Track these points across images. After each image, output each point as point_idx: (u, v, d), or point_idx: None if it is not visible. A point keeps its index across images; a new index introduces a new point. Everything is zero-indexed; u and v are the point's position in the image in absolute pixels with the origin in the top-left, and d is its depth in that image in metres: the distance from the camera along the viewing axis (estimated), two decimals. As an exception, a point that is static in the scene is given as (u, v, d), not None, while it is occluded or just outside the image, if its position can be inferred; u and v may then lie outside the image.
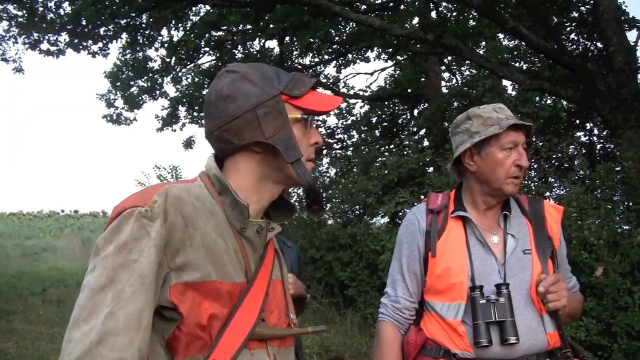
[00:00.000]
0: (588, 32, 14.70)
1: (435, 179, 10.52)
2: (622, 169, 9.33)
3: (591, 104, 11.13)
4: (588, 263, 7.55)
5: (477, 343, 2.52)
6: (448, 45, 11.75)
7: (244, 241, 1.82)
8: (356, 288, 11.20)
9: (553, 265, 2.74)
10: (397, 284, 2.82)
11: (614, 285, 7.42)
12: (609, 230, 8.06)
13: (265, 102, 1.81)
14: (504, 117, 2.69)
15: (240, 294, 1.75)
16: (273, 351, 1.82)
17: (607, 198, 9.02)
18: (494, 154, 2.68)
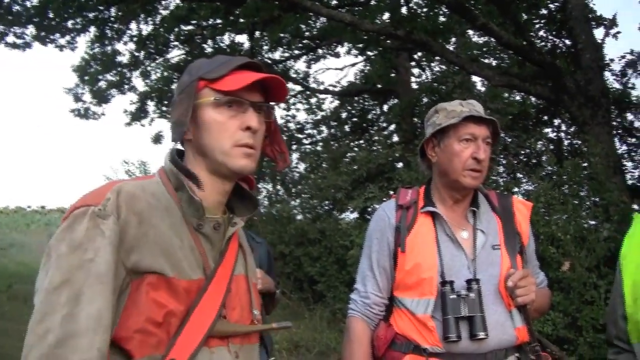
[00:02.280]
0: (557, 29, 14.79)
1: (404, 174, 10.54)
2: (589, 165, 9.44)
3: (559, 100, 11.22)
4: (555, 258, 7.61)
5: (446, 338, 2.52)
6: (418, 41, 11.77)
7: (202, 238, 1.79)
8: (325, 283, 11.21)
9: (522, 261, 2.75)
10: (366, 279, 2.81)
11: (581, 280, 7.49)
12: (575, 225, 8.14)
13: (185, 88, 1.80)
14: (467, 110, 2.69)
15: (199, 291, 1.71)
16: (235, 348, 1.79)
17: (574, 194, 9.11)
18: (452, 145, 2.69)
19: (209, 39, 17.77)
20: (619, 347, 2.56)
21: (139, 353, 1.61)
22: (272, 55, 19.30)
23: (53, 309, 1.50)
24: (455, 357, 2.55)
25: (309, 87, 20.64)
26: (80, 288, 1.52)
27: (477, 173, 2.69)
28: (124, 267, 1.61)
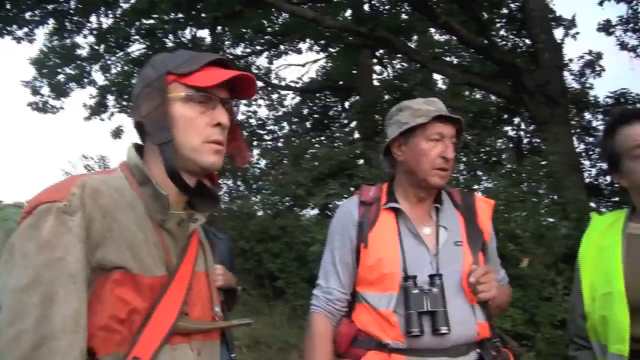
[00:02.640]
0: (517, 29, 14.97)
1: (365, 171, 10.56)
2: (547, 163, 9.54)
3: (519, 99, 11.34)
4: (514, 255, 7.69)
5: (409, 333, 2.52)
6: (380, 39, 11.81)
7: (165, 234, 1.75)
8: (285, 279, 11.17)
9: (484, 258, 2.77)
10: (329, 275, 2.80)
11: (539, 277, 7.58)
12: (534, 222, 8.24)
13: (151, 82, 1.75)
14: (433, 109, 2.70)
15: (162, 288, 1.68)
16: (197, 345, 1.77)
17: (533, 191, 9.22)
18: (420, 144, 2.68)
19: (170, 34, 17.60)
20: (579, 344, 2.60)
21: (102, 351, 1.57)
22: (234, 51, 19.21)
23: (24, 310, 1.46)
24: (417, 352, 2.55)
25: (271, 83, 20.60)
26: (53, 288, 1.48)
27: (444, 172, 2.70)
28: (89, 263, 1.58)
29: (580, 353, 2.57)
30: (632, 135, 2.36)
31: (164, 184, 1.74)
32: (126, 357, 1.59)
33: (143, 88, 1.77)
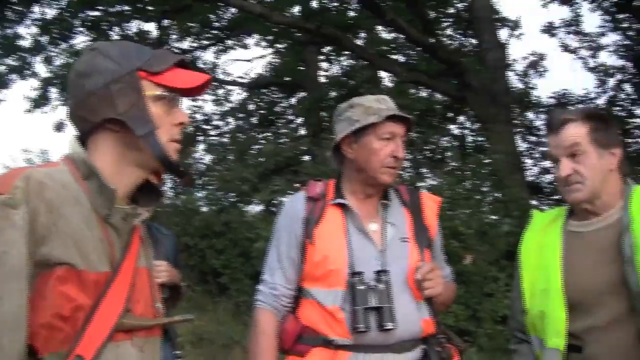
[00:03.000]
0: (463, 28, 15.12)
1: (311, 167, 10.58)
2: (491, 162, 9.66)
3: (464, 98, 11.46)
4: (457, 252, 7.77)
5: (355, 328, 2.52)
6: (328, 35, 11.82)
7: (109, 229, 1.72)
8: (230, 276, 11.11)
9: (430, 254, 2.79)
10: (274, 271, 2.78)
11: (481, 273, 7.69)
12: (477, 220, 8.35)
13: (120, 78, 1.72)
14: (385, 108, 2.70)
15: (106, 284, 1.65)
16: (139, 342, 1.74)
17: (476, 189, 9.33)
18: (371, 143, 2.68)
19: (115, 26, 17.34)
20: (520, 338, 2.65)
21: (44, 349, 1.54)
22: (180, 45, 19.02)
23: None
24: (363, 348, 2.55)
25: (217, 78, 20.44)
26: None
27: (394, 170, 2.71)
28: (32, 258, 1.54)
29: (521, 347, 2.63)
30: (566, 136, 2.41)
31: (111, 178, 1.71)
32: (69, 356, 1.56)
33: (110, 83, 1.72)
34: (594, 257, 2.39)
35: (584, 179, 2.37)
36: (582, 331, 2.33)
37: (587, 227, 2.47)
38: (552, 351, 2.37)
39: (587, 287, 2.35)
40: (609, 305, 2.30)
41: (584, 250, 2.43)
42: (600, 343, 2.29)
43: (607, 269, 2.34)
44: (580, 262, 2.41)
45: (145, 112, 1.72)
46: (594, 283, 2.35)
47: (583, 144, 2.38)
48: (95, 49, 1.80)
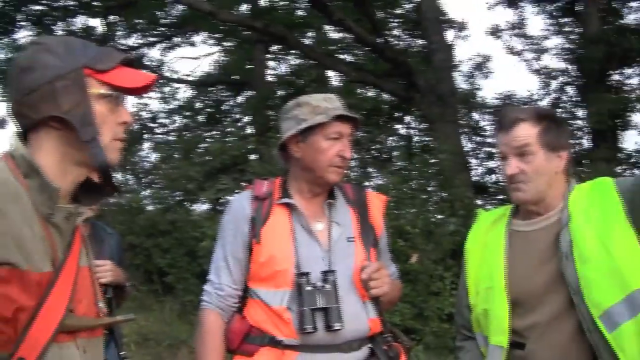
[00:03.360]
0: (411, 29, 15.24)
1: (257, 166, 10.55)
2: (437, 161, 9.76)
3: (411, 98, 11.54)
4: (403, 251, 7.83)
5: (302, 329, 2.51)
6: (276, 34, 11.80)
7: (51, 228, 1.68)
8: (175, 275, 11.03)
9: (376, 253, 2.78)
10: (220, 270, 2.75)
11: (427, 272, 7.76)
12: (423, 219, 8.42)
13: (65, 75, 1.68)
14: (332, 108, 2.68)
15: (48, 284, 1.61)
16: (82, 343, 1.71)
17: (422, 188, 9.41)
18: (318, 143, 2.67)
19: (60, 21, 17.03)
20: (465, 334, 2.68)
21: None
22: (126, 41, 18.80)
23: None
24: (310, 348, 2.54)
25: (164, 76, 20.26)
26: None
27: (340, 169, 2.69)
28: None
29: (466, 343, 2.66)
30: (516, 135, 2.44)
31: (53, 176, 1.67)
32: (11, 358, 1.52)
33: (54, 80, 1.67)
34: (536, 256, 2.43)
35: (529, 180, 2.40)
36: (525, 328, 2.37)
37: (530, 226, 2.50)
38: (495, 348, 2.41)
39: (529, 285, 2.40)
40: (550, 303, 2.35)
41: (527, 249, 2.47)
42: (542, 339, 2.34)
43: (547, 267, 2.38)
44: (523, 261, 2.45)
45: (89, 111, 1.68)
46: (535, 282, 2.39)
47: (532, 145, 2.41)
48: (39, 43, 1.76)
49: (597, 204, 2.38)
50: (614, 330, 2.20)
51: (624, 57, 11.86)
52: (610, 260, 2.25)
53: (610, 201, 2.35)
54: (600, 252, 2.27)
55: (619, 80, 14.23)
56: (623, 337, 2.19)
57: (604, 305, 2.22)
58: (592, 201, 2.40)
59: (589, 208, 2.38)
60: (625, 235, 2.29)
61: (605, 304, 2.22)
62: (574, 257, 2.30)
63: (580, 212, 2.38)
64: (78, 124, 1.66)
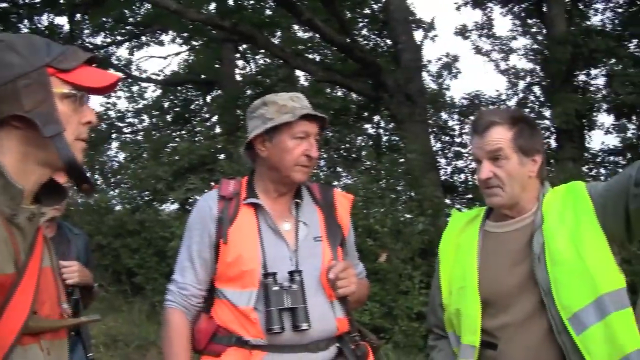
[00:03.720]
0: (379, 29, 15.29)
1: (226, 165, 10.51)
2: (405, 161, 9.81)
3: (379, 97, 11.58)
4: (372, 250, 7.86)
5: (269, 329, 2.50)
6: (244, 33, 11.78)
7: (14, 229, 1.65)
8: (144, 275, 10.96)
9: (343, 253, 2.79)
10: (185, 270, 2.74)
11: (396, 271, 7.79)
12: (392, 218, 8.45)
13: (28, 74, 1.65)
14: (299, 107, 2.67)
15: (11, 286, 1.59)
16: (46, 345, 1.68)
17: (391, 188, 9.45)
18: (285, 142, 2.66)
19: (25, 19, 16.82)
20: (438, 334, 2.70)
21: None
22: (93, 40, 18.63)
23: None
24: (278, 348, 2.54)
25: (131, 75, 20.13)
26: None
27: (307, 168, 2.69)
28: None
29: (439, 342, 2.67)
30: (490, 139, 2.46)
31: (15, 176, 1.64)
32: None
33: (17, 79, 1.64)
34: (508, 257, 2.45)
35: (504, 185, 2.42)
36: (496, 328, 2.39)
37: (503, 228, 2.53)
38: (467, 347, 2.43)
39: (501, 286, 2.42)
40: (522, 303, 2.37)
41: (499, 250, 2.49)
42: (514, 340, 2.35)
43: (519, 269, 2.40)
44: (495, 262, 2.47)
45: (53, 110, 1.66)
46: (507, 282, 2.41)
47: (506, 150, 2.42)
48: (1, 41, 1.71)
49: (570, 208, 2.40)
50: (582, 332, 2.23)
51: (590, 57, 11.99)
52: (581, 263, 2.28)
53: (583, 206, 2.37)
54: (572, 255, 2.30)
55: (585, 80, 14.40)
56: (590, 339, 2.21)
57: (574, 307, 2.25)
58: (565, 204, 2.42)
59: (562, 211, 2.40)
60: (596, 239, 2.31)
61: (575, 307, 2.25)
62: (546, 258, 2.32)
63: (553, 214, 2.40)
64: (41, 122, 1.64)
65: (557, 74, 12.24)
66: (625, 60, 12.61)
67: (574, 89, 13.31)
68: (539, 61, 14.87)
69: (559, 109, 11.74)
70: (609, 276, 2.29)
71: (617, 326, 2.21)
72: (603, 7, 14.82)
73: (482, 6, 15.75)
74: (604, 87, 14.29)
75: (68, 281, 3.67)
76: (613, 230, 2.30)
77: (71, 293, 3.67)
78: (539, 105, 15.04)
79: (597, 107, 13.75)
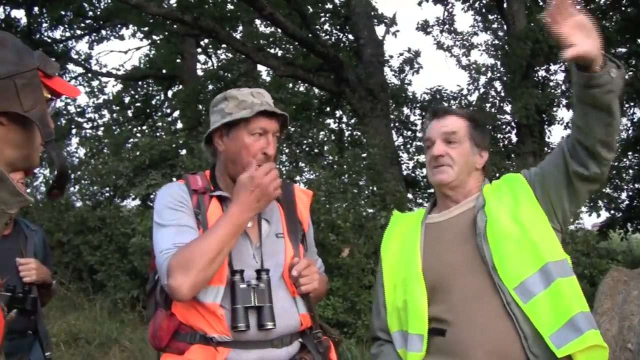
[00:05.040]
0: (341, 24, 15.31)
1: (187, 161, 10.46)
2: (368, 156, 9.84)
3: (341, 92, 11.61)
4: (335, 245, 7.87)
5: (235, 327, 2.48)
6: (205, 28, 11.72)
7: None
8: (106, 272, 10.86)
9: (303, 249, 2.80)
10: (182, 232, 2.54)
11: (359, 266, 7.81)
12: (355, 213, 8.47)
13: (24, 73, 1.64)
14: (259, 103, 2.66)
15: None
16: None
17: (353, 183, 9.47)
18: (242, 138, 2.64)
19: (-20, 12, 16.57)
20: (382, 339, 2.69)
21: None
22: (52, 34, 18.42)
23: None
24: (242, 345, 2.52)
25: (91, 70, 19.94)
26: None
27: None
28: None
29: (383, 348, 2.66)
30: (447, 122, 2.59)
31: None
32: None
33: (13, 76, 1.62)
34: (451, 239, 2.52)
35: (454, 164, 2.53)
36: (445, 311, 2.41)
37: (446, 215, 2.60)
38: (415, 337, 2.45)
39: (446, 266, 2.46)
40: (469, 282, 2.40)
41: (443, 236, 2.55)
42: (464, 321, 2.37)
43: (464, 247, 2.45)
44: (439, 247, 2.52)
45: (45, 114, 1.67)
46: (452, 261, 2.45)
47: (460, 134, 2.55)
48: None
49: (507, 191, 2.51)
50: (528, 300, 2.27)
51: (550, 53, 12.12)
52: (524, 234, 2.35)
53: (521, 188, 2.49)
54: (515, 228, 2.38)
55: (544, 76, 14.60)
56: (538, 306, 2.26)
57: (519, 277, 2.31)
58: (502, 190, 2.53)
59: (501, 196, 2.50)
60: (536, 216, 2.41)
61: (521, 276, 2.30)
62: (490, 234, 2.39)
63: (493, 197, 2.50)
64: (40, 124, 1.65)
65: (517, 69, 12.36)
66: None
67: (534, 85, 13.47)
68: (500, 57, 15.03)
69: (519, 104, 11.86)
70: (553, 246, 2.36)
71: (563, 291, 2.26)
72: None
73: (443, 2, 15.87)
74: (563, 82, 14.51)
75: (25, 279, 3.62)
76: (554, 201, 2.43)
77: (28, 291, 3.62)
78: (500, 100, 15.19)
79: (556, 102, 13.94)
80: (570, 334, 2.20)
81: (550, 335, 2.22)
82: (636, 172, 15.60)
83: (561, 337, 2.21)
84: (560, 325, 2.22)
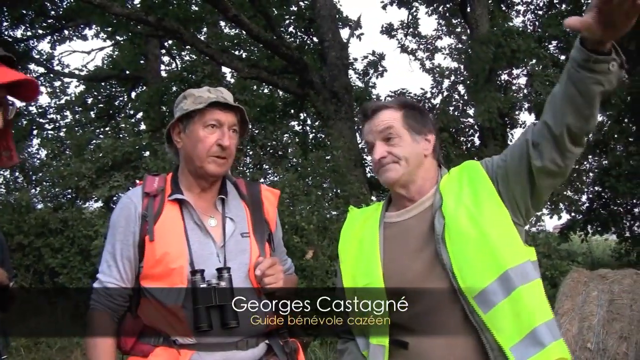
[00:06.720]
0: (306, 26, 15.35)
1: (151, 163, 10.41)
2: (332, 158, 9.86)
3: (306, 95, 11.63)
4: (299, 247, 7.87)
5: (197, 328, 2.48)
6: (169, 29, 11.67)
7: None
8: (68, 275, 10.76)
9: (270, 248, 2.79)
10: (110, 269, 2.68)
11: (323, 267, 7.82)
12: (318, 215, 8.49)
13: None
14: (214, 97, 2.67)
15: None
16: None
17: (317, 185, 9.49)
18: (197, 131, 2.65)
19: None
20: (346, 337, 2.62)
21: None
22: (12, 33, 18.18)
23: None
24: (206, 347, 2.52)
25: (53, 70, 19.74)
26: None
27: (222, 160, 2.66)
28: None
29: (348, 344, 2.59)
30: (380, 120, 2.51)
31: None
32: None
33: None
34: (412, 244, 2.42)
35: (399, 160, 2.43)
36: (409, 320, 2.32)
37: (403, 216, 2.51)
38: (376, 348, 2.38)
39: (407, 274, 2.36)
40: (431, 290, 2.31)
41: (402, 239, 2.46)
42: (426, 330, 2.29)
43: (424, 253, 2.36)
44: (399, 252, 2.43)
45: None
46: (413, 269, 2.36)
47: (397, 128, 2.46)
48: None
49: (466, 185, 2.40)
50: (489, 310, 2.19)
51: (512, 57, 12.26)
52: (482, 240, 2.25)
53: (480, 182, 2.38)
54: (473, 232, 2.27)
55: (507, 80, 14.76)
56: (498, 316, 2.18)
57: (479, 286, 2.21)
58: (461, 183, 2.42)
59: (459, 190, 2.40)
60: (497, 214, 2.31)
61: (480, 285, 2.21)
62: (448, 238, 2.29)
63: (451, 195, 2.40)
64: None
65: (480, 73, 12.48)
66: (545, 61, 12.97)
67: (497, 88, 13.60)
68: (463, 60, 15.17)
69: (482, 108, 11.97)
70: (513, 250, 2.26)
71: (524, 300, 2.18)
72: (524, 9, 15.21)
73: (407, 5, 15.97)
74: (525, 86, 14.67)
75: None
76: (517, 196, 2.32)
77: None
78: (463, 104, 15.34)
79: (518, 105, 14.09)
80: (531, 348, 2.14)
81: (511, 347, 2.16)
82: (596, 175, 15.81)
83: (522, 350, 2.14)
84: (521, 338, 2.16)
